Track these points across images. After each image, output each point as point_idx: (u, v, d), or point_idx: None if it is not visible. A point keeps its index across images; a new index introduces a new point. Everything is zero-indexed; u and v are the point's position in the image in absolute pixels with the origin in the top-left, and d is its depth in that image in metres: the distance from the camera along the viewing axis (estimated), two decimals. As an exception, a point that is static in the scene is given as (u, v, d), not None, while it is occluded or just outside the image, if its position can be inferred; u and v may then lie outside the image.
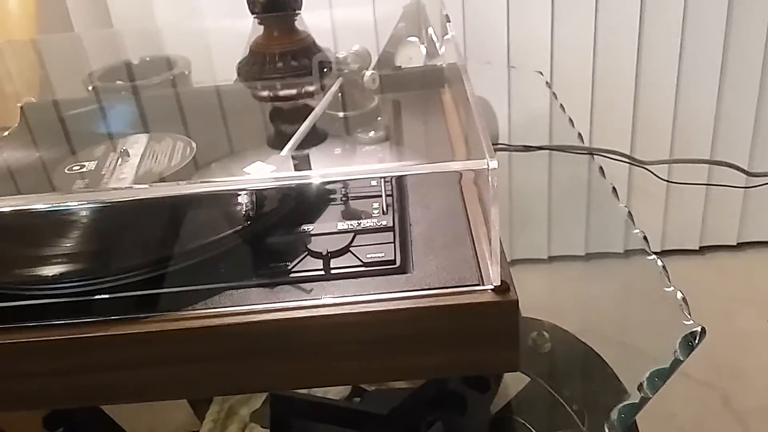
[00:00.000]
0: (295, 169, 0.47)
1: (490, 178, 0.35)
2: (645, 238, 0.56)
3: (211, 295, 0.40)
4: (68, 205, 0.42)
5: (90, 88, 0.90)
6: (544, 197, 1.10)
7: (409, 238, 0.44)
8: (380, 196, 0.48)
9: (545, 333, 0.55)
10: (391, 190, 0.49)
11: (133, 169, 0.51)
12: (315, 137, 0.56)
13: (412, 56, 0.91)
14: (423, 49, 0.89)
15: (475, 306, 0.37)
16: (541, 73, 0.96)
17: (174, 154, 0.54)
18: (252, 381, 0.40)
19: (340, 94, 0.61)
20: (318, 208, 0.46)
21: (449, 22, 0.63)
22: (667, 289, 0.51)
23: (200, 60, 0.98)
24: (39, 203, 0.39)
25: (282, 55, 0.85)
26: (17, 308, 0.41)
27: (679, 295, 0.50)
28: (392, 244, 0.42)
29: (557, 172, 0.90)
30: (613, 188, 0.64)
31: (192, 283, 0.41)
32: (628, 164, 0.85)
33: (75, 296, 0.40)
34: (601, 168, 0.69)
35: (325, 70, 0.61)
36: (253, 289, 0.41)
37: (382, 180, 0.49)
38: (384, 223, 0.45)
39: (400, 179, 0.51)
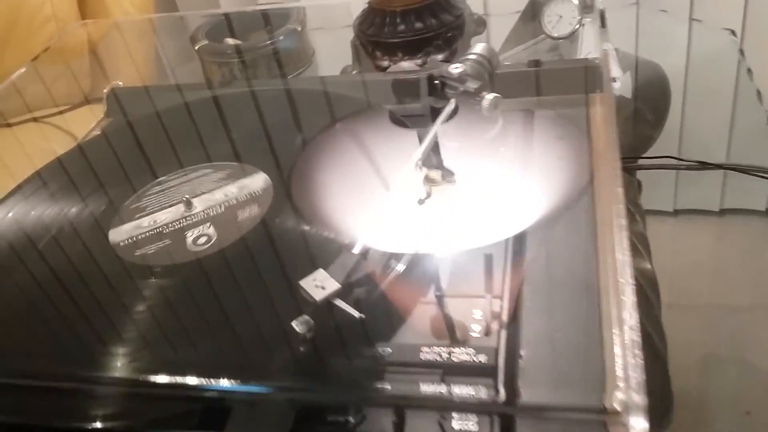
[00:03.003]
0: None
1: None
2: None
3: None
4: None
5: (196, 48, 0.82)
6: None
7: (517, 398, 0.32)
8: (483, 297, 0.36)
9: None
10: (502, 283, 0.36)
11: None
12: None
13: (562, 15, 0.74)
14: (576, 2, 0.71)
15: None
16: (733, 33, 0.75)
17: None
18: None
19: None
20: (395, 319, 0.35)
21: (604, 27, 0.46)
22: None
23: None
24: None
25: (404, 14, 0.72)
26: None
27: None
28: (490, 405, 0.31)
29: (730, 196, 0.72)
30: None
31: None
32: None
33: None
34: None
35: (436, 82, 0.48)
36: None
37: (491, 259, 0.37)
38: (483, 359, 0.33)
39: (518, 252, 0.39)
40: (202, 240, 0.42)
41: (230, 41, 0.83)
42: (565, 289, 0.37)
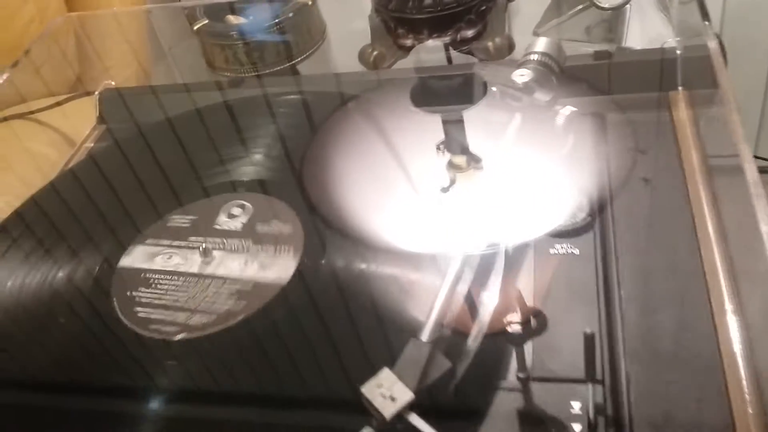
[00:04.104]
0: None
1: None
2: None
3: None
4: None
5: (195, 28, 0.73)
6: None
7: None
8: (585, 382, 0.29)
9: None
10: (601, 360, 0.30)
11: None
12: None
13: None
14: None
15: None
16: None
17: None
18: None
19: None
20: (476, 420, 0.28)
21: (707, 21, 0.38)
22: None
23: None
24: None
25: (431, -15, 0.63)
26: None
27: None
28: None
29: None
30: None
31: None
32: None
33: None
34: None
35: (494, 89, 0.40)
36: None
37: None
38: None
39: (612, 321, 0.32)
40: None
41: (232, 19, 0.75)
42: (678, 366, 0.30)
